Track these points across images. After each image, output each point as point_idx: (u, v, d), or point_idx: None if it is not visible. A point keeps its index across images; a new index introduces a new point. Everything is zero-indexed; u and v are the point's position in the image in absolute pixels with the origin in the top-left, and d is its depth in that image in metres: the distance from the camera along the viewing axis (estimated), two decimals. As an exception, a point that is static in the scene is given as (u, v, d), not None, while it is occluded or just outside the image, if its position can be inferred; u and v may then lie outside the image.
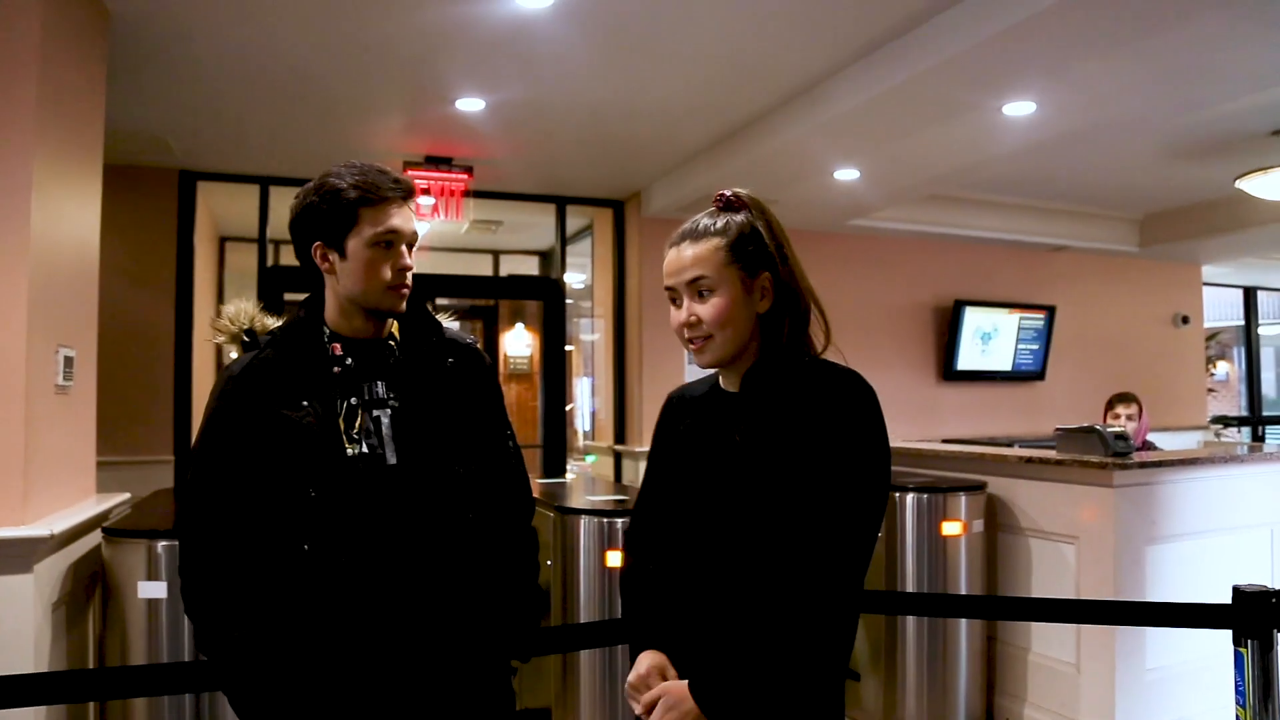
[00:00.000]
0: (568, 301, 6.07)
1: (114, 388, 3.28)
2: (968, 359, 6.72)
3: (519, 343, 8.73)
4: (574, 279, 6.74)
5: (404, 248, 1.48)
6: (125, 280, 4.65)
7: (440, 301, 6.25)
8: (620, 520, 3.12)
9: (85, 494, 2.81)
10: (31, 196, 2.32)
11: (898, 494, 3.55)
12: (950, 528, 3.51)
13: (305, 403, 1.44)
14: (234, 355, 1.56)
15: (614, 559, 3.08)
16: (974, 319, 6.72)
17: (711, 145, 4.75)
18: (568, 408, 6.50)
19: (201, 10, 3.07)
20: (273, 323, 1.57)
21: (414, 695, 1.45)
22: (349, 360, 1.49)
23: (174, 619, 2.58)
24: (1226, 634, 2.04)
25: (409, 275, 1.49)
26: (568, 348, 6.36)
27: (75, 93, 2.70)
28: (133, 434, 4.71)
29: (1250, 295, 9.32)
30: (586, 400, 7.17)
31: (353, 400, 1.47)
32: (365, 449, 1.45)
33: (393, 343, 1.55)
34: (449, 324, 1.65)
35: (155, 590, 2.53)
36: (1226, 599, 2.02)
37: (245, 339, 1.54)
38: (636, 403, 5.87)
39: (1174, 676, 3.27)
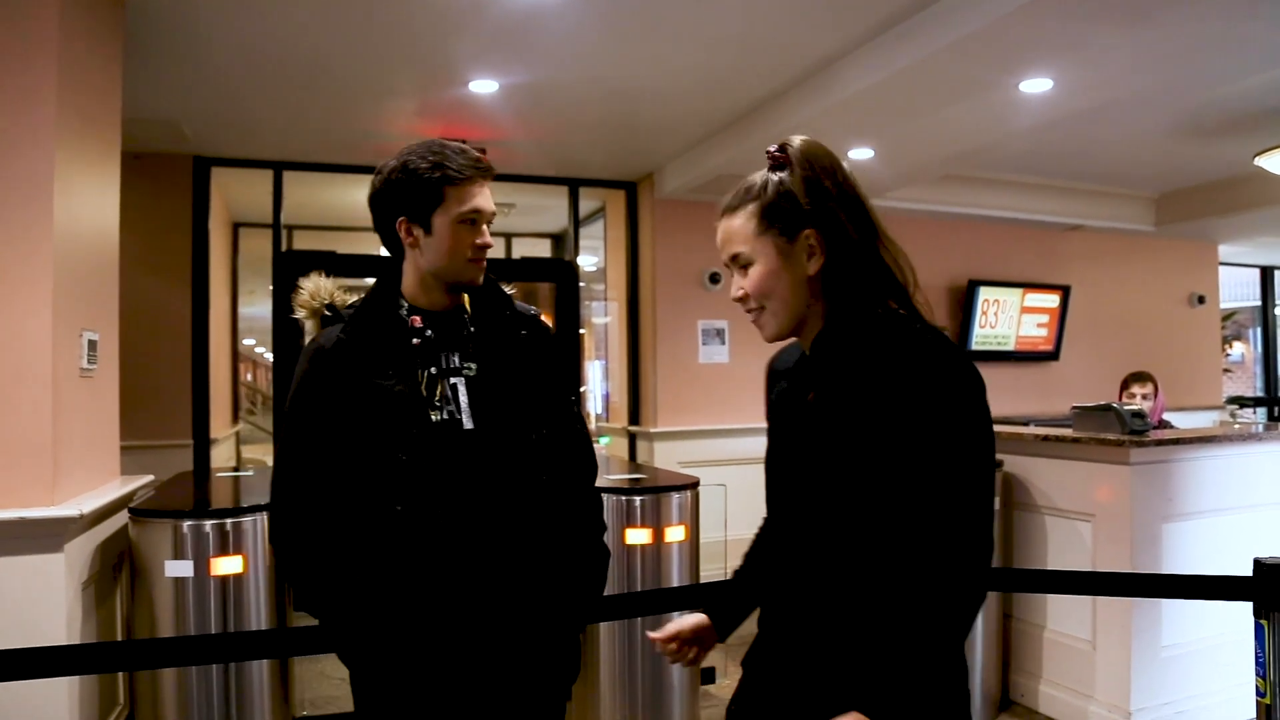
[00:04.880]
0: (580, 284, 6.08)
1: (132, 373, 3.31)
2: (981, 339, 6.71)
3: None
4: (587, 261, 6.73)
5: (485, 225, 1.55)
6: (141, 266, 4.67)
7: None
8: (639, 498, 3.15)
9: (110, 476, 2.85)
10: (54, 183, 2.34)
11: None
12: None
13: (391, 372, 1.51)
14: (310, 331, 1.64)
15: (633, 536, 3.11)
16: (988, 298, 6.69)
17: (725, 125, 4.73)
18: (581, 389, 6.52)
19: (216, -6, 3.07)
20: (351, 298, 1.65)
21: (497, 647, 1.51)
22: (429, 331, 1.56)
23: (200, 597, 2.62)
24: (1242, 612, 2.05)
25: (487, 250, 1.56)
26: (580, 330, 6.37)
27: (93, 80, 2.72)
28: (151, 418, 4.74)
29: (1268, 275, 9.21)
30: (599, 383, 7.19)
31: (432, 370, 1.55)
32: (446, 415, 1.52)
33: (465, 315, 1.62)
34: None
35: (182, 569, 2.58)
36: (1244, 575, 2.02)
37: (326, 313, 1.62)
38: (651, 384, 5.88)
39: (1189, 654, 3.28)
